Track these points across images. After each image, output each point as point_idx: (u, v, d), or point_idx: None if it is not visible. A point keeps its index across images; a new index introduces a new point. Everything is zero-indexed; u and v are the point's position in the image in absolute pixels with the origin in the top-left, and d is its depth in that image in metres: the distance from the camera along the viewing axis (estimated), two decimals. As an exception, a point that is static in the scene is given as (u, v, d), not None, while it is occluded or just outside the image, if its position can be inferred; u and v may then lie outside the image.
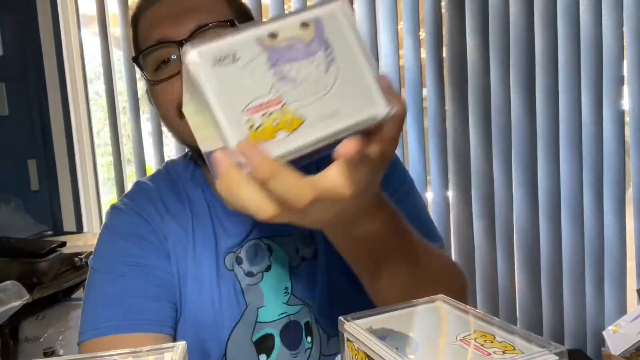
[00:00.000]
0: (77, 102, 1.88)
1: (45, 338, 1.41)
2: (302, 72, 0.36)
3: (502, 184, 1.86)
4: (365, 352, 0.38)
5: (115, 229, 0.74)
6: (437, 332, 0.39)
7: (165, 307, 0.70)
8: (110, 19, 1.85)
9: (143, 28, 0.72)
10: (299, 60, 0.36)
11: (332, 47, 0.37)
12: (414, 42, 1.80)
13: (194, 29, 0.66)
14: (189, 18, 0.67)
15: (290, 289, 0.74)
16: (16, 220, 1.75)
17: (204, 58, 0.35)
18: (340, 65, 0.37)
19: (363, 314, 0.42)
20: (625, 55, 1.88)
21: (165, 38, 0.67)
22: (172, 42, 0.66)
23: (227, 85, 0.35)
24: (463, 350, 0.35)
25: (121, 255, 0.71)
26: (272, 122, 0.35)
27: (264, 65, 0.36)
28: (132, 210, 0.74)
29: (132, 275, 0.69)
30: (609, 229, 1.91)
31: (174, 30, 0.67)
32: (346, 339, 0.41)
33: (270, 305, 0.73)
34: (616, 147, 1.89)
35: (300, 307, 0.74)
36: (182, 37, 0.66)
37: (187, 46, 0.35)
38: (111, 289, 0.69)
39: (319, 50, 0.37)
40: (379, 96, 0.38)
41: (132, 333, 0.66)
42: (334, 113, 0.37)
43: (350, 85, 0.37)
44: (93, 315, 0.68)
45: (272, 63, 0.36)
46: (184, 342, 0.38)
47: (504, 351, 0.35)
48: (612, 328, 1.44)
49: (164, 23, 0.68)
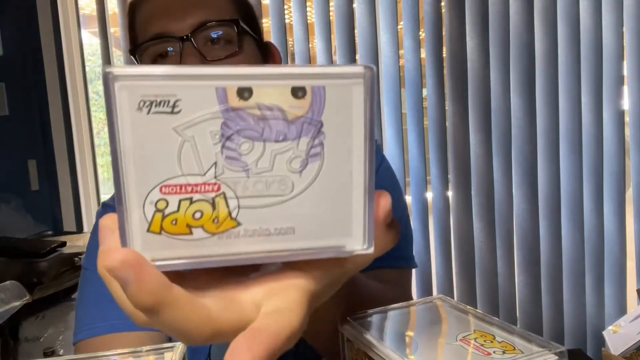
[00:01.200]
0: (77, 102, 1.88)
1: (45, 338, 1.41)
2: (265, 160, 0.25)
3: (502, 184, 1.86)
4: (365, 352, 0.38)
5: None
6: (436, 332, 0.39)
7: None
8: (110, 19, 1.85)
9: (142, 18, 0.69)
10: (267, 142, 0.25)
11: (325, 138, 0.26)
12: (414, 42, 1.80)
13: (197, 25, 0.64)
14: (192, 13, 0.65)
15: None
16: (16, 220, 1.75)
17: (130, 95, 0.23)
18: (325, 168, 0.26)
19: (363, 314, 0.42)
20: (625, 55, 1.88)
21: (166, 33, 0.65)
22: (172, 38, 0.65)
23: (149, 143, 0.24)
24: (463, 350, 0.35)
25: None
26: (193, 213, 0.25)
27: (213, 133, 0.24)
28: None
29: None
30: (609, 229, 1.91)
31: (175, 25, 0.65)
32: (346, 339, 0.41)
33: None
34: (616, 147, 1.89)
35: None
36: (183, 33, 0.64)
37: (108, 71, 0.23)
38: (104, 288, 0.68)
39: (304, 136, 0.25)
40: (359, 227, 0.27)
41: (127, 332, 0.65)
42: (285, 229, 0.26)
43: (326, 198, 0.26)
44: (87, 314, 0.68)
45: (225, 133, 0.24)
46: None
47: (504, 351, 0.34)
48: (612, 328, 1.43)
49: (165, 16, 0.66)
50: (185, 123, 0.24)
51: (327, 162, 0.26)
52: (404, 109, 1.83)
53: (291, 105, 0.25)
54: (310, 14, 1.79)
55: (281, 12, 1.77)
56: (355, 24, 1.79)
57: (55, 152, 1.84)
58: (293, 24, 1.79)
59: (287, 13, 1.79)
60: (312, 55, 1.82)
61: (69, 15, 1.86)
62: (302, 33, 1.78)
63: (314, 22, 1.78)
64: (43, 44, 1.81)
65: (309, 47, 1.80)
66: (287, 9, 1.79)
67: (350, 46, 1.78)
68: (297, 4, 1.78)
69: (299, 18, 1.78)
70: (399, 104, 1.83)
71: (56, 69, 1.82)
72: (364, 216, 0.27)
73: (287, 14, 1.79)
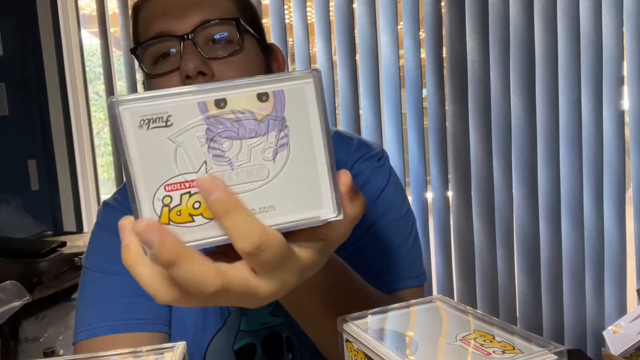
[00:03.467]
0: (77, 102, 1.88)
1: (45, 338, 1.41)
2: (243, 154, 0.32)
3: (502, 184, 1.86)
4: (364, 353, 0.38)
5: (107, 227, 0.72)
6: (436, 332, 0.39)
7: (159, 305, 0.68)
8: (110, 19, 1.85)
9: (144, 19, 0.69)
10: (243, 139, 0.31)
11: (289, 130, 0.32)
12: (414, 42, 1.80)
13: (197, 24, 0.64)
14: (193, 12, 0.65)
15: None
16: (16, 220, 1.75)
17: (132, 116, 0.30)
18: (292, 154, 0.32)
19: (362, 315, 0.42)
20: (625, 55, 1.87)
21: (167, 32, 0.65)
22: (173, 37, 0.65)
23: (151, 152, 0.31)
24: (463, 350, 0.35)
25: (114, 254, 0.68)
26: (193, 204, 0.31)
27: (199, 137, 0.31)
28: (124, 206, 0.73)
29: (126, 274, 0.67)
30: (609, 229, 1.91)
31: (176, 24, 0.65)
32: (345, 340, 0.41)
33: (253, 313, 0.72)
34: (616, 147, 1.89)
35: (282, 319, 0.72)
36: (184, 32, 0.64)
37: (113, 100, 0.30)
38: (105, 289, 0.68)
39: (272, 130, 0.32)
40: (328, 198, 0.33)
41: (127, 333, 0.65)
42: (267, 207, 0.32)
43: (297, 178, 0.32)
44: (87, 315, 0.68)
45: (209, 136, 0.31)
46: (184, 342, 0.38)
47: (504, 351, 0.34)
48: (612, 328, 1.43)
49: (166, 16, 0.66)
50: (177, 132, 0.31)
51: (293, 149, 0.32)
52: (404, 109, 1.83)
53: (258, 107, 0.32)
54: (310, 14, 1.79)
55: (281, 12, 1.77)
56: (355, 24, 1.79)
57: (55, 152, 1.84)
58: (293, 24, 1.79)
59: (287, 13, 1.79)
60: (312, 55, 1.82)
61: (69, 15, 1.86)
62: (302, 33, 1.78)
63: (314, 22, 1.78)
64: (43, 44, 1.81)
65: (309, 47, 1.80)
66: (287, 9, 1.79)
67: (350, 46, 1.78)
68: (297, 4, 1.78)
69: (299, 18, 1.78)
70: (399, 104, 1.83)
71: (56, 69, 1.82)
72: (331, 189, 0.33)
73: (287, 14, 1.79)
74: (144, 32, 0.69)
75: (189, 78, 0.63)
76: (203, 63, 0.63)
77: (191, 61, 0.63)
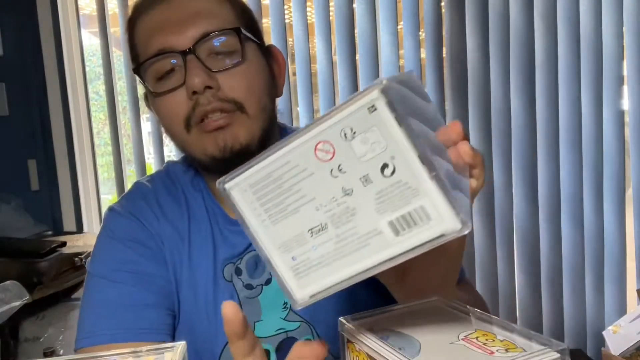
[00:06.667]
0: (77, 102, 1.88)
1: (45, 338, 1.41)
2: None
3: (502, 184, 1.86)
4: (367, 353, 0.38)
5: (113, 234, 0.71)
6: (438, 331, 0.39)
7: (163, 314, 0.68)
8: (110, 19, 1.85)
9: (142, 35, 0.68)
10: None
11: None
12: (414, 42, 1.80)
13: (199, 37, 0.63)
14: (192, 25, 0.63)
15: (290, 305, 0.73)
16: (16, 220, 1.75)
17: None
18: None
19: (363, 315, 0.42)
20: (625, 55, 1.87)
21: (168, 48, 0.64)
22: (175, 52, 0.63)
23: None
24: (466, 349, 0.35)
25: (120, 262, 0.69)
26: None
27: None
28: (130, 213, 0.72)
29: (131, 283, 0.67)
30: (609, 229, 1.91)
31: (176, 39, 0.63)
32: (346, 340, 0.41)
33: (267, 319, 0.71)
34: (616, 147, 1.88)
35: (299, 323, 0.71)
36: (185, 46, 0.63)
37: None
38: (109, 296, 0.67)
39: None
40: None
41: (129, 342, 0.64)
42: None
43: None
44: (90, 322, 0.67)
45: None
46: (184, 342, 0.38)
47: (507, 349, 0.34)
48: (612, 328, 1.43)
49: (166, 30, 0.64)
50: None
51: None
52: (404, 109, 1.82)
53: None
54: (310, 14, 1.79)
55: (281, 12, 1.77)
56: (355, 24, 1.79)
57: (55, 152, 1.84)
58: (293, 24, 1.79)
59: (287, 13, 1.79)
60: (312, 55, 1.82)
61: (69, 15, 1.86)
62: (302, 33, 1.78)
63: (314, 22, 1.78)
64: (43, 44, 1.80)
65: (309, 47, 1.80)
66: (287, 9, 1.79)
67: (350, 46, 1.78)
68: (297, 4, 1.78)
69: (299, 18, 1.78)
70: (399, 104, 1.82)
71: (56, 69, 1.82)
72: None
73: (287, 14, 1.79)
74: (143, 49, 0.67)
75: (196, 93, 0.62)
76: (208, 77, 0.63)
77: (197, 76, 0.62)
